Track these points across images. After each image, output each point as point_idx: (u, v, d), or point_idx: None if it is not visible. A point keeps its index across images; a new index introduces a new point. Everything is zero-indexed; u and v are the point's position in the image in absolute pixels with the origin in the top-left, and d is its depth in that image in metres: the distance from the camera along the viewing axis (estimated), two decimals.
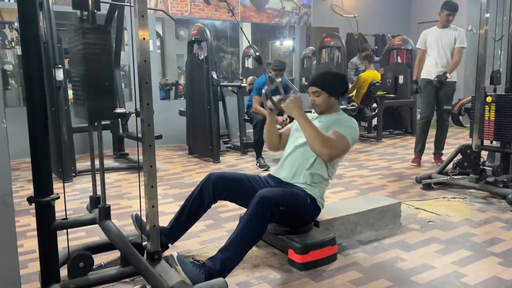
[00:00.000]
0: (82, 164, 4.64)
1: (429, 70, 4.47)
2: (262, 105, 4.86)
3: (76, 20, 1.81)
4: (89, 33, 1.74)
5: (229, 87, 6.30)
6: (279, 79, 2.34)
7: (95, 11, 1.79)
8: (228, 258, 1.93)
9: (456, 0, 4.38)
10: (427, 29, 4.56)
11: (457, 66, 4.42)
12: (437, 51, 4.42)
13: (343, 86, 2.48)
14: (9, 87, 5.56)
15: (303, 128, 2.22)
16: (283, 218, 2.24)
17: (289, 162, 2.39)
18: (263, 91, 2.38)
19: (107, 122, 4.89)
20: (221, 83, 5.39)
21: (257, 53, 2.42)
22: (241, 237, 1.97)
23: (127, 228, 2.75)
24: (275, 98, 2.33)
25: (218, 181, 2.29)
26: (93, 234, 2.62)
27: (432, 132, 4.72)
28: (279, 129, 2.61)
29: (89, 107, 1.76)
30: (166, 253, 2.30)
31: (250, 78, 6.00)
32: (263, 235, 2.14)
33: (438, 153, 4.70)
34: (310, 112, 2.51)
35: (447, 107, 4.30)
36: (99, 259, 2.09)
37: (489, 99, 3.51)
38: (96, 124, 1.91)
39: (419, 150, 4.65)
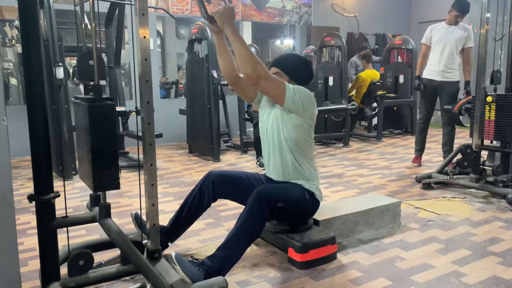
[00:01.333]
0: None
1: (430, 69, 4.38)
2: None
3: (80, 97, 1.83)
4: (94, 108, 1.75)
5: (229, 86, 6.30)
6: None
7: (99, 83, 1.81)
8: (227, 256, 1.93)
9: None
10: (434, 25, 4.42)
11: (470, 68, 4.27)
12: (442, 48, 4.28)
13: (307, 71, 2.32)
14: (9, 85, 5.56)
15: (234, 44, 2.03)
16: (283, 215, 2.24)
17: (273, 163, 2.30)
18: None
19: None
20: (222, 82, 5.38)
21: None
22: (239, 234, 1.97)
23: (127, 227, 2.75)
24: (209, 7, 2.09)
25: (218, 180, 2.28)
26: (93, 232, 2.62)
27: (435, 132, 4.70)
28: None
29: (94, 177, 1.77)
30: (166, 251, 2.31)
31: None
32: (262, 232, 2.13)
33: (443, 156, 4.66)
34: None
35: (447, 107, 4.22)
36: (99, 257, 2.10)
37: (489, 98, 3.50)
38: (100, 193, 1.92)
39: (419, 149, 4.64)
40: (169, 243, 2.31)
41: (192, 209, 2.29)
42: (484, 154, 3.86)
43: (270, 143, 2.28)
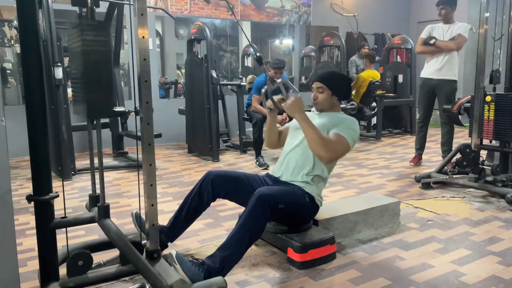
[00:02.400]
0: (81, 162, 4.64)
1: (428, 68, 4.39)
2: (261, 104, 4.86)
3: (75, 17, 1.80)
4: (88, 29, 1.73)
5: (228, 86, 6.30)
6: (279, 80, 2.35)
7: (94, 7, 1.79)
8: (227, 256, 1.93)
9: None
10: (433, 25, 4.43)
11: (451, 48, 4.22)
12: None
13: (347, 88, 2.54)
14: (8, 85, 5.55)
15: (304, 130, 2.22)
16: (282, 217, 2.24)
17: (287, 161, 2.39)
18: (263, 90, 2.40)
19: (106, 120, 4.90)
20: (221, 82, 5.38)
21: (258, 54, 2.42)
22: (240, 235, 1.97)
23: (126, 227, 2.75)
24: (276, 97, 2.34)
25: (217, 179, 2.29)
26: (92, 233, 2.62)
27: (434, 132, 4.71)
28: (278, 127, 2.62)
29: (88, 103, 1.75)
30: (165, 251, 2.31)
31: (249, 76, 6.00)
32: (262, 233, 2.14)
33: (443, 156, 4.68)
34: (310, 110, 2.51)
35: (446, 106, 4.22)
36: (98, 257, 2.09)
37: (488, 98, 3.51)
38: (95, 121, 1.91)
39: (418, 149, 4.65)
40: (169, 243, 2.31)
41: (191, 208, 2.29)
42: (483, 153, 3.87)
43: (300, 144, 2.36)
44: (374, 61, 6.68)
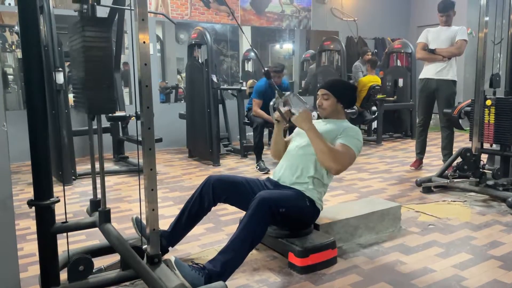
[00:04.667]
0: (82, 167, 4.65)
1: (427, 69, 4.41)
2: (262, 108, 4.87)
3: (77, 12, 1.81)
4: (89, 26, 1.74)
5: (229, 90, 6.31)
6: (288, 93, 2.38)
7: (95, 4, 1.79)
8: (229, 260, 1.93)
9: (455, 3, 4.36)
10: (429, 28, 4.49)
11: (453, 53, 4.26)
12: (436, 46, 4.31)
13: (352, 97, 2.57)
14: (9, 90, 5.56)
15: (313, 141, 2.24)
16: (283, 221, 2.24)
17: (289, 166, 2.39)
18: (271, 103, 2.45)
19: (107, 125, 4.90)
20: (221, 86, 5.39)
21: (266, 68, 2.45)
22: (241, 239, 1.97)
23: (127, 232, 2.75)
24: (283, 109, 2.37)
25: (218, 183, 2.30)
26: (93, 238, 2.61)
27: (434, 136, 4.71)
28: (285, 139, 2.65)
29: (89, 99, 1.74)
30: (166, 256, 2.30)
31: (250, 81, 6.01)
32: (263, 237, 2.13)
33: (443, 160, 4.68)
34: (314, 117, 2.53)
35: (446, 110, 4.22)
36: (99, 262, 2.09)
37: (488, 102, 3.51)
38: (96, 117, 1.90)
39: (419, 153, 4.65)
40: (170, 248, 2.31)
41: (192, 213, 2.29)
42: (484, 157, 3.86)
43: (303, 147, 2.37)
44: (375, 66, 6.69)
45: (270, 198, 2.05)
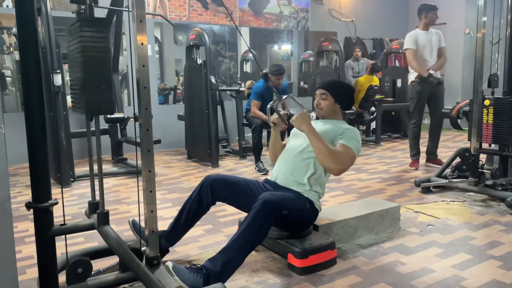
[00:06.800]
0: (81, 169, 4.64)
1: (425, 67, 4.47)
2: (260, 109, 4.87)
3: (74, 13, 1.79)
4: (86, 26, 1.73)
5: (227, 92, 6.31)
6: (285, 96, 2.38)
7: (93, 4, 1.79)
8: (229, 261, 1.92)
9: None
10: (412, 32, 4.56)
11: (443, 64, 4.63)
12: (429, 51, 4.48)
13: (350, 97, 2.56)
14: (7, 92, 5.55)
15: (313, 142, 2.23)
16: (284, 222, 2.24)
17: (286, 167, 2.39)
18: (268, 106, 2.46)
19: (106, 126, 4.90)
20: (220, 88, 5.38)
21: (264, 71, 2.46)
22: (243, 239, 1.96)
23: (126, 234, 2.74)
24: (282, 111, 2.39)
25: (216, 183, 2.30)
26: (92, 240, 2.61)
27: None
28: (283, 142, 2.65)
29: (86, 99, 1.73)
30: (166, 258, 2.30)
31: (248, 82, 6.01)
32: (264, 238, 2.13)
33: (435, 157, 4.75)
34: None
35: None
36: (97, 264, 2.08)
37: (487, 102, 3.51)
38: (94, 118, 1.89)
39: (415, 154, 4.67)
40: (170, 248, 2.31)
41: (191, 212, 2.29)
42: (483, 157, 3.87)
43: (301, 148, 2.37)
44: (374, 72, 6.69)
45: (274, 200, 2.05)
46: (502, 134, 3.46)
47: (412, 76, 4.56)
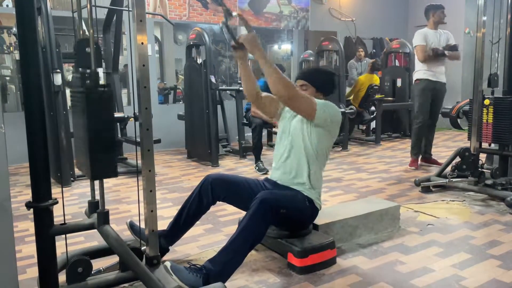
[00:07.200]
0: None
1: (430, 70, 4.46)
2: None
3: (78, 78, 1.77)
4: (92, 93, 1.72)
5: (227, 91, 6.31)
6: (235, 13, 2.27)
7: (97, 70, 1.77)
8: (229, 261, 1.92)
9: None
10: (422, 30, 4.58)
11: (459, 57, 4.70)
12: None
13: (331, 83, 2.44)
14: (7, 92, 5.56)
15: (264, 67, 2.10)
16: (283, 221, 2.24)
17: (284, 166, 2.35)
18: (220, 24, 2.29)
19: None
20: (220, 87, 5.38)
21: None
22: (241, 239, 1.96)
23: (126, 233, 2.73)
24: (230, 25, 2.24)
25: (217, 182, 2.29)
26: (92, 239, 2.61)
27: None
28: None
29: (91, 164, 1.74)
30: (165, 257, 2.30)
31: None
32: (263, 237, 2.13)
33: (429, 156, 4.78)
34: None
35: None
36: (97, 264, 2.08)
37: (487, 101, 3.51)
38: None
39: (416, 153, 4.67)
40: (170, 247, 2.31)
41: (191, 211, 2.29)
42: (483, 157, 3.87)
43: (289, 148, 2.32)
44: (374, 71, 6.70)
45: (271, 199, 2.04)
46: (502, 134, 3.46)
47: (417, 74, 4.57)
